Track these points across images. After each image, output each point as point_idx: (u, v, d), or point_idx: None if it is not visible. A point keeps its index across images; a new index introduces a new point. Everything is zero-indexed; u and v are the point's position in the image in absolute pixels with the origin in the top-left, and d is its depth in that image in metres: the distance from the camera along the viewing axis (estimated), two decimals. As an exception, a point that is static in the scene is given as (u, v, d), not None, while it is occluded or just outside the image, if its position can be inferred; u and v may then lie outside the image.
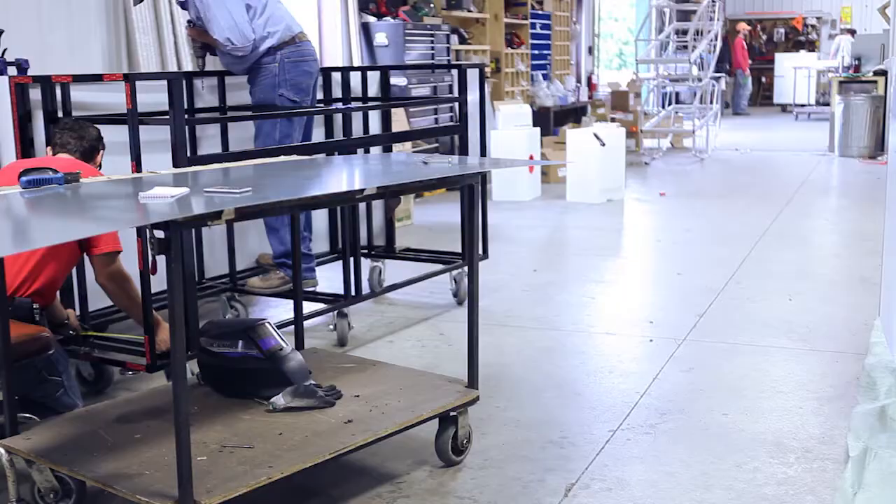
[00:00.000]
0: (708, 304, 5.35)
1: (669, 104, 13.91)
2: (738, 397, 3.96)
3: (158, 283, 3.63)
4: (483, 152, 5.59)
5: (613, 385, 4.16)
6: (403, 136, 6.17)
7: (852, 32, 18.07)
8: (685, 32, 13.30)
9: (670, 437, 3.58)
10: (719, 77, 14.00)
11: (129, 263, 3.77)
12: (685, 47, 13.10)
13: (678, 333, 4.82)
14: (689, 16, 14.21)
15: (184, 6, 4.93)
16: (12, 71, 4.41)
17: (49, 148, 3.83)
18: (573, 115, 13.60)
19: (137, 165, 3.67)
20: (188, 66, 6.55)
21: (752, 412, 3.80)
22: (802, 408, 3.85)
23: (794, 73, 19.34)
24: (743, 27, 20.90)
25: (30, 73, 4.44)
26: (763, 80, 21.96)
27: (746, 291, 5.63)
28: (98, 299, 4.19)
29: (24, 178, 3.09)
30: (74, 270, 4.00)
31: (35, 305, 3.53)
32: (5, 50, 4.48)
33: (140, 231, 3.67)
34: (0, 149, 3.96)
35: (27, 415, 3.32)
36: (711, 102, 13.28)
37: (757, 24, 22.80)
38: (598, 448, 3.48)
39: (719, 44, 13.70)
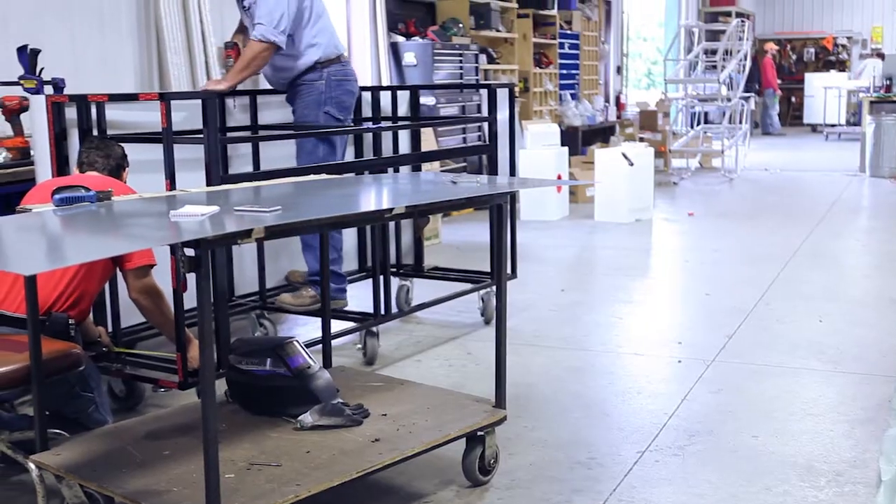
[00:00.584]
0: (737, 324, 5.32)
1: (698, 124, 13.86)
2: (767, 419, 3.93)
3: (191, 299, 3.67)
4: (512, 172, 5.60)
5: (642, 406, 4.14)
6: (433, 156, 6.19)
7: (881, 56, 17.96)
8: (714, 52, 13.26)
9: (699, 458, 3.56)
10: (749, 97, 13.94)
11: (164, 280, 3.81)
12: (714, 67, 13.06)
13: (707, 354, 4.79)
14: (718, 35, 14.18)
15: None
16: (49, 90, 4.47)
17: (76, 167, 3.87)
18: (601, 134, 13.59)
19: (172, 183, 3.70)
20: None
21: (782, 434, 3.77)
22: (833, 430, 3.81)
23: (825, 93, 19.25)
24: (772, 47, 20.83)
25: (65, 91, 4.50)
26: (793, 99, 21.86)
27: (776, 312, 5.59)
28: (130, 316, 4.23)
29: (57, 196, 3.13)
30: (107, 287, 4.04)
31: (71, 321, 3.57)
32: (42, 69, 4.54)
33: (173, 248, 3.70)
34: (36, 166, 4.01)
35: (57, 430, 3.35)
36: (741, 122, 13.23)
37: (787, 44, 22.72)
38: (626, 469, 3.46)
39: (749, 63, 13.65)
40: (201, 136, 3.82)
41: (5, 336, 3.39)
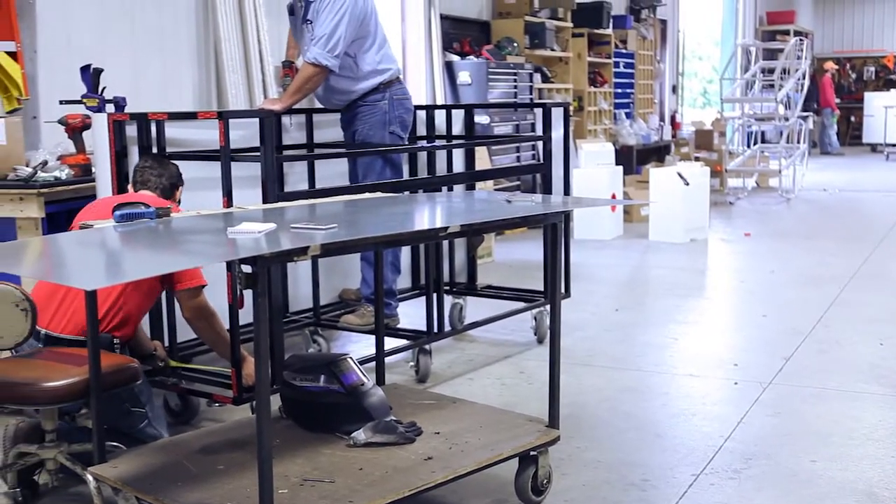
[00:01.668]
0: (794, 347, 5.24)
1: (755, 143, 13.72)
2: (826, 444, 3.87)
3: (246, 315, 3.70)
4: (566, 191, 5.58)
5: (696, 428, 4.09)
6: (487, 175, 6.20)
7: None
8: (772, 71, 13.14)
9: (756, 482, 3.50)
10: (807, 116, 13.78)
11: (219, 297, 3.85)
12: (772, 86, 12.93)
13: (764, 377, 4.73)
14: (775, 54, 14.06)
15: (292, 10, 4.96)
16: (110, 108, 4.56)
17: (131, 185, 3.92)
18: (656, 153, 13.51)
19: (229, 200, 3.74)
20: (276, 103, 6.68)
21: (841, 459, 3.70)
22: (895, 456, 3.74)
23: (885, 112, 18.94)
24: (831, 65, 20.58)
25: (126, 110, 4.58)
26: (852, 119, 21.56)
27: (835, 335, 5.50)
28: (186, 331, 4.27)
29: (117, 213, 3.18)
30: (164, 302, 4.09)
31: (116, 341, 3.61)
32: (104, 88, 4.63)
33: (230, 265, 3.74)
34: (97, 183, 4.08)
35: (115, 444, 3.39)
36: (799, 141, 13.07)
37: (846, 63, 22.43)
38: (680, 492, 3.42)
39: (807, 82, 13.50)
40: (258, 153, 3.87)
41: (64, 350, 3.44)
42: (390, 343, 4.46)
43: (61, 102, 4.73)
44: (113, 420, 3.51)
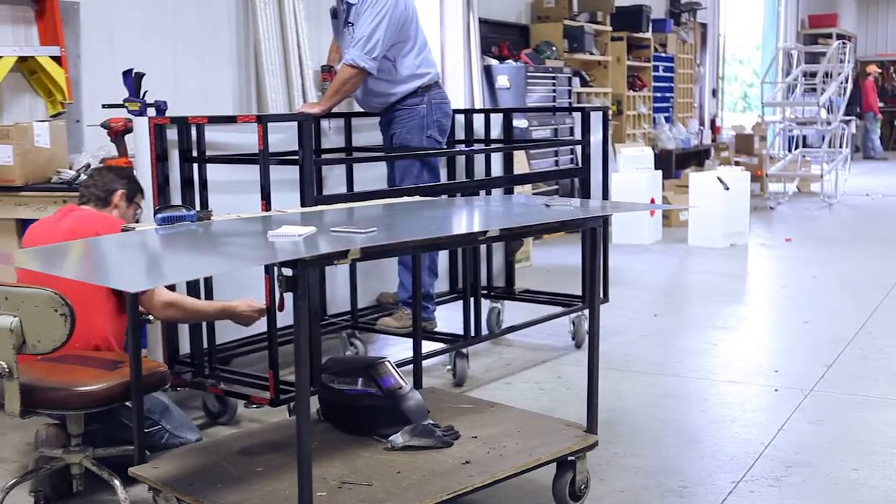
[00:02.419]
0: (836, 354, 5.18)
1: (796, 148, 13.59)
2: (868, 452, 3.81)
3: (282, 318, 3.72)
4: (605, 195, 5.56)
5: (736, 434, 4.06)
6: (526, 179, 6.18)
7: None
8: (813, 75, 13.00)
9: (797, 490, 3.47)
10: (849, 120, 13.63)
11: (259, 298, 3.87)
12: (813, 90, 12.80)
13: (805, 384, 4.67)
14: (817, 58, 13.91)
15: (335, 14, 4.97)
16: (151, 112, 4.60)
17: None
18: (696, 158, 13.42)
19: (267, 204, 3.76)
20: (315, 107, 6.71)
21: (884, 468, 3.65)
22: (938, 466, 3.68)
23: (930, 117, 18.69)
24: (874, 69, 20.33)
25: (167, 113, 4.62)
26: (895, 123, 21.28)
27: (878, 342, 5.43)
28: (224, 332, 4.31)
29: (158, 216, 3.22)
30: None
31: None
32: (146, 92, 4.67)
33: (267, 268, 3.76)
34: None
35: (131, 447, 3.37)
36: (841, 146, 12.93)
37: (889, 66, 22.14)
38: (720, 499, 3.39)
39: (849, 86, 13.35)
40: (297, 157, 3.88)
41: (89, 354, 3.45)
42: (428, 346, 4.46)
43: (104, 106, 4.78)
44: (116, 433, 3.51)
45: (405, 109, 4.89)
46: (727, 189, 8.75)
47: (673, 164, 12.44)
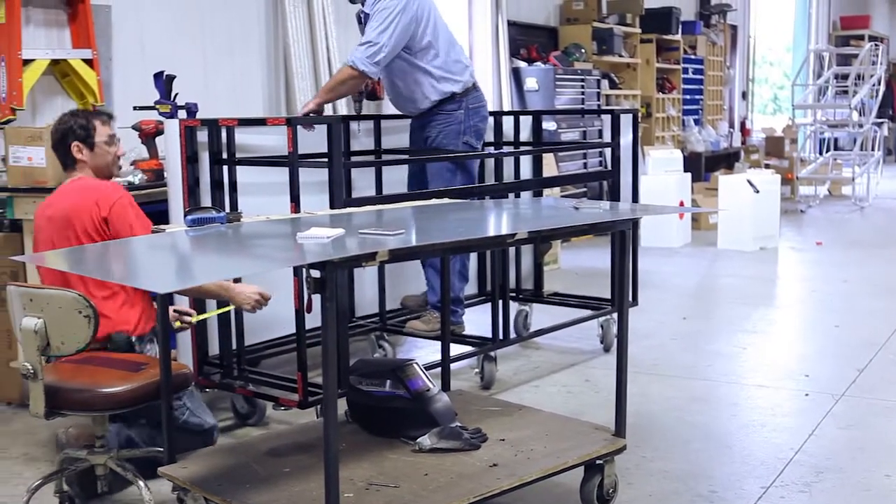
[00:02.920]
0: (868, 358, 5.13)
1: (827, 150, 13.48)
2: (901, 458, 3.78)
3: (311, 319, 3.73)
4: (634, 198, 5.53)
5: (766, 439, 4.03)
6: (555, 181, 6.17)
7: None
8: (845, 77, 12.89)
9: (828, 496, 3.43)
10: (882, 122, 13.49)
11: (285, 301, 3.88)
12: (845, 92, 12.69)
13: (836, 388, 4.63)
14: (849, 60, 13.79)
15: (360, 20, 4.89)
16: (182, 114, 4.63)
17: None
18: (725, 160, 13.33)
19: (297, 206, 3.77)
20: (343, 110, 6.74)
21: (916, 475, 3.61)
22: (972, 472, 3.64)
23: (964, 119, 18.46)
24: (907, 71, 20.11)
25: (197, 116, 4.65)
26: (929, 126, 21.04)
27: (910, 347, 5.38)
28: (253, 334, 4.33)
29: (189, 218, 3.23)
30: (233, 306, 4.13)
31: (133, 338, 3.60)
32: (176, 94, 4.70)
33: (296, 270, 3.77)
34: (169, 188, 4.14)
35: (159, 449, 3.38)
36: (873, 149, 12.80)
37: (924, 68, 21.89)
38: (749, 504, 3.37)
39: (882, 88, 13.23)
40: (326, 159, 3.89)
41: (112, 355, 3.46)
42: (456, 349, 4.46)
43: (135, 108, 4.82)
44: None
45: (442, 115, 4.84)
46: (757, 192, 8.70)
47: (702, 166, 12.37)
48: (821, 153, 13.56)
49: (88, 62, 5.26)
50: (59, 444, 3.57)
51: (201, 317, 4.06)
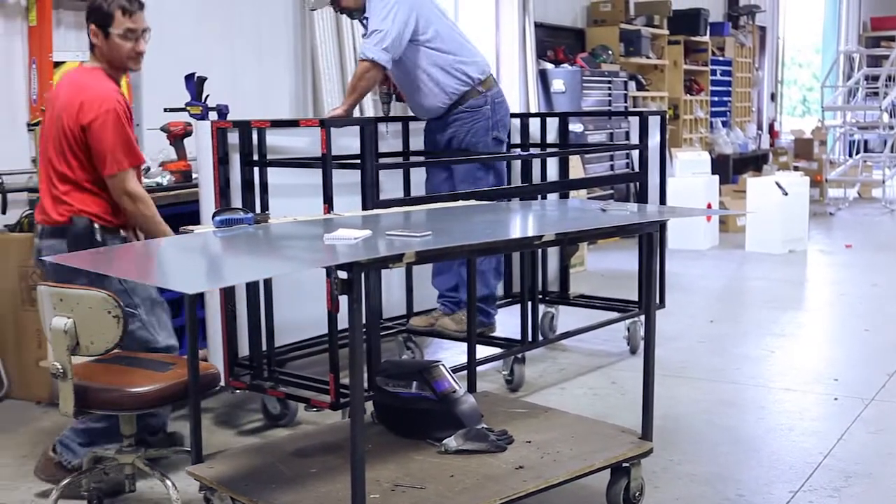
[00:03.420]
0: (898, 362, 5.09)
1: (857, 152, 13.37)
2: (931, 463, 3.74)
3: (341, 320, 3.74)
4: (661, 200, 5.51)
5: (794, 443, 4.00)
6: (581, 183, 6.15)
7: None
8: (876, 78, 12.78)
9: (857, 501, 3.41)
10: (912, 125, 13.37)
11: (317, 302, 3.88)
12: (876, 93, 12.58)
13: (865, 392, 4.59)
14: (880, 61, 13.68)
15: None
16: (213, 116, 4.66)
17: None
18: (754, 162, 13.25)
19: (330, 207, 3.78)
20: (370, 111, 6.76)
21: (947, 480, 3.58)
22: None
23: None
24: (939, 72, 19.90)
25: (228, 118, 4.67)
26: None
27: (941, 351, 5.32)
28: (285, 335, 4.34)
29: (216, 219, 3.25)
30: (263, 305, 4.14)
31: (95, 224, 3.54)
32: (207, 96, 4.73)
33: (329, 271, 3.77)
34: (201, 189, 4.16)
35: (185, 448, 3.39)
36: (903, 151, 12.69)
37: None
38: (777, 509, 3.35)
39: (913, 90, 13.11)
40: (356, 161, 3.90)
41: (141, 355, 3.48)
42: (484, 351, 4.46)
43: (166, 110, 4.84)
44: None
45: (468, 112, 4.77)
46: (786, 194, 8.64)
47: (730, 168, 12.30)
48: (850, 155, 13.46)
49: (118, 64, 5.29)
50: (36, 470, 3.61)
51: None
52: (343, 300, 2.58)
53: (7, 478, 3.71)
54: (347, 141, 4.32)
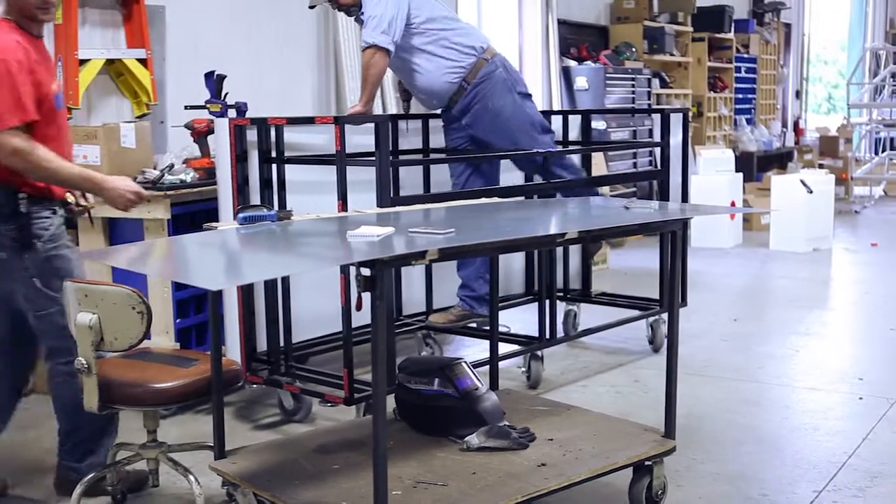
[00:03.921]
0: (924, 362, 5.04)
1: (883, 150, 13.25)
2: (957, 464, 3.70)
3: (358, 318, 3.75)
4: (684, 198, 5.48)
5: (818, 443, 3.97)
6: (603, 181, 6.13)
7: None
8: (902, 76, 12.68)
9: (882, 501, 3.38)
10: (939, 122, 13.25)
11: (332, 299, 3.90)
12: (902, 91, 12.48)
13: (891, 392, 4.55)
14: (906, 58, 13.56)
15: None
16: (232, 113, 4.67)
17: None
18: (778, 160, 13.17)
19: (344, 204, 3.79)
20: (392, 109, 6.76)
21: (973, 481, 3.54)
22: None
23: None
24: (966, 70, 19.71)
25: (247, 115, 4.69)
26: None
27: (968, 350, 5.27)
28: (302, 331, 4.35)
29: (240, 216, 3.26)
30: (281, 301, 4.16)
31: (21, 195, 3.21)
32: (227, 94, 4.75)
33: (342, 268, 3.79)
34: (219, 186, 4.18)
35: (208, 444, 3.36)
36: (930, 149, 12.58)
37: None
38: (801, 509, 3.33)
39: (940, 87, 13.01)
40: (373, 158, 3.90)
41: (164, 351, 3.48)
42: (503, 348, 4.44)
43: (186, 108, 4.87)
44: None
45: (484, 81, 4.70)
46: (810, 192, 8.58)
47: (754, 166, 12.23)
48: (876, 153, 13.34)
49: (143, 62, 5.33)
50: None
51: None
52: (366, 297, 2.57)
53: (31, 473, 3.74)
54: (365, 138, 4.32)
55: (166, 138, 5.47)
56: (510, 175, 5.22)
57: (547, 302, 4.73)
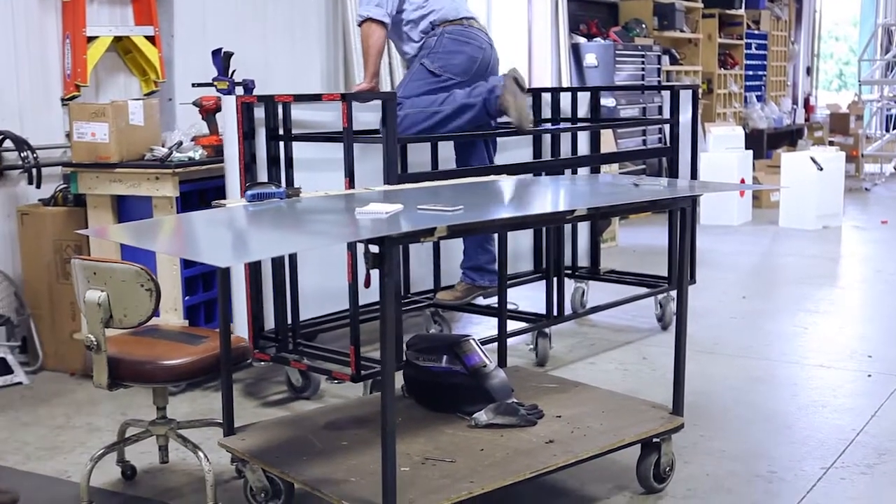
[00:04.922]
0: (934, 339, 5.03)
1: (894, 127, 13.18)
2: (966, 441, 3.70)
3: (365, 295, 3.75)
4: (693, 175, 5.47)
5: (826, 420, 3.97)
6: (613, 158, 6.11)
7: None
8: (914, 52, 12.58)
9: (890, 478, 3.38)
10: (951, 99, 13.16)
11: (339, 275, 3.90)
12: (914, 68, 12.39)
13: (900, 370, 4.56)
14: (918, 34, 13.45)
15: None
16: (239, 91, 4.67)
17: None
18: (788, 137, 13.12)
19: (351, 182, 3.79)
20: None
21: (982, 458, 3.54)
22: None
23: None
24: (979, 46, 19.57)
25: (255, 92, 4.68)
26: None
27: (978, 328, 5.25)
28: (310, 309, 4.36)
29: (249, 193, 3.26)
30: (288, 278, 4.17)
31: None
32: (234, 71, 4.74)
33: (350, 245, 3.79)
34: (226, 164, 4.18)
35: (217, 421, 3.39)
36: (942, 126, 12.51)
37: None
38: (809, 485, 3.32)
39: (952, 64, 12.90)
40: (379, 135, 3.89)
41: (174, 328, 3.49)
42: (510, 325, 4.45)
43: (194, 85, 4.87)
44: None
45: (423, 49, 4.65)
46: (820, 170, 8.55)
47: (764, 143, 12.19)
48: (887, 130, 13.27)
49: (150, 39, 5.32)
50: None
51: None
52: (374, 275, 2.57)
53: (43, 447, 3.76)
54: (372, 115, 4.31)
55: (174, 116, 5.47)
56: (518, 152, 5.21)
57: (555, 279, 4.73)
